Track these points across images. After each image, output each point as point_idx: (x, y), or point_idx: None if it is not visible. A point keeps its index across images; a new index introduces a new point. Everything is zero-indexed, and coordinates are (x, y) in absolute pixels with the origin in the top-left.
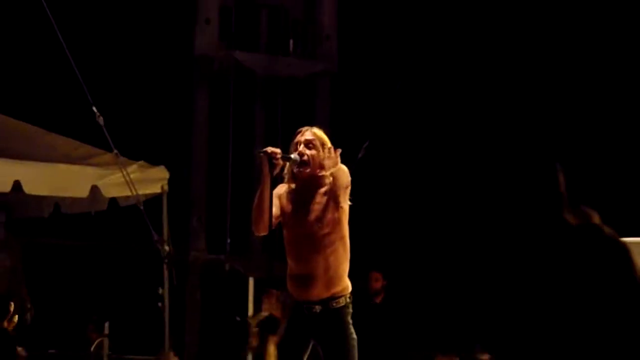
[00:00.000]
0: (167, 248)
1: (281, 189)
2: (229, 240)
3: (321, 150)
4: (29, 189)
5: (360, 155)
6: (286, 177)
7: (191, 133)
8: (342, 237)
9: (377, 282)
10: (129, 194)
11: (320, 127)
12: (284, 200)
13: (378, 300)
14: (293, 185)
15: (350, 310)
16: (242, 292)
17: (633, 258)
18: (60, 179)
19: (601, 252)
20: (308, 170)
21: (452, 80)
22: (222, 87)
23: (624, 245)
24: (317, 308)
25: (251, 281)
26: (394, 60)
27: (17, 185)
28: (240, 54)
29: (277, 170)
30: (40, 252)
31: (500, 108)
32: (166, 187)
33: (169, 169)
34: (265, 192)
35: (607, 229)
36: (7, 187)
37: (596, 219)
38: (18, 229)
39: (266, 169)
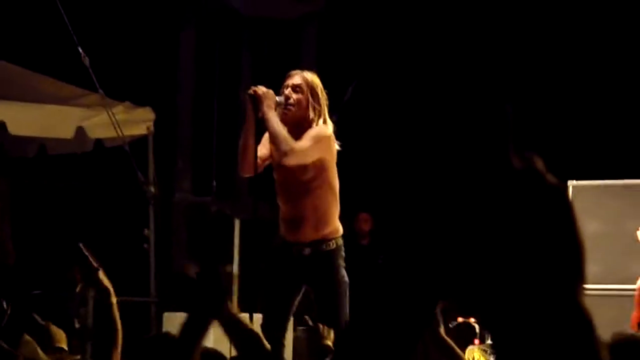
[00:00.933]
0: (152, 189)
1: None
2: (214, 182)
3: (309, 95)
4: (13, 129)
5: (346, 97)
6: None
7: (177, 74)
8: (329, 182)
9: (366, 224)
10: (115, 135)
11: (311, 70)
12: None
13: (365, 242)
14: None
15: (343, 253)
16: (228, 233)
17: (573, 208)
18: (45, 119)
19: (541, 199)
20: (292, 111)
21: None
22: (208, 28)
23: (565, 195)
24: (307, 250)
25: (237, 223)
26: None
27: (2, 125)
28: None
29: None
30: (26, 192)
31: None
32: (152, 129)
33: (154, 110)
34: (249, 132)
35: (549, 176)
36: None
37: (540, 164)
38: (3, 169)
39: (250, 110)
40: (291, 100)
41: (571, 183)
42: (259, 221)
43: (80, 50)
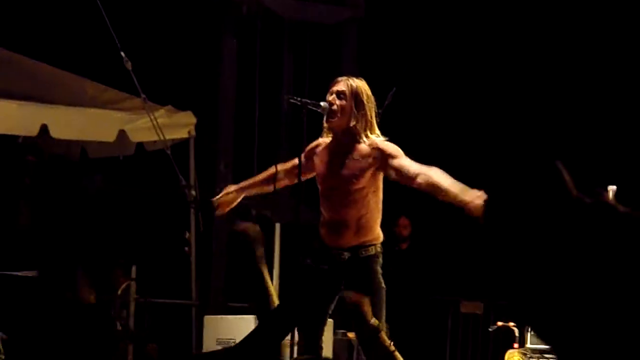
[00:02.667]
0: (193, 193)
1: (318, 143)
2: None
3: (352, 103)
4: (55, 132)
5: (387, 102)
6: (324, 129)
7: (218, 78)
8: (376, 190)
9: (405, 229)
10: (156, 138)
11: (354, 73)
12: (319, 156)
13: (404, 246)
14: (329, 138)
15: (381, 260)
16: (269, 237)
17: None
18: (87, 123)
19: (616, 229)
20: (335, 119)
21: (480, 25)
22: (249, 32)
23: (638, 221)
24: (346, 255)
25: (278, 226)
26: (422, 6)
27: (44, 129)
28: None
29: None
30: (67, 196)
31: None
32: (193, 132)
33: (196, 114)
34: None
35: (621, 206)
36: (34, 131)
37: (608, 197)
38: (45, 172)
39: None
40: (334, 107)
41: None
42: (300, 225)
43: (123, 55)
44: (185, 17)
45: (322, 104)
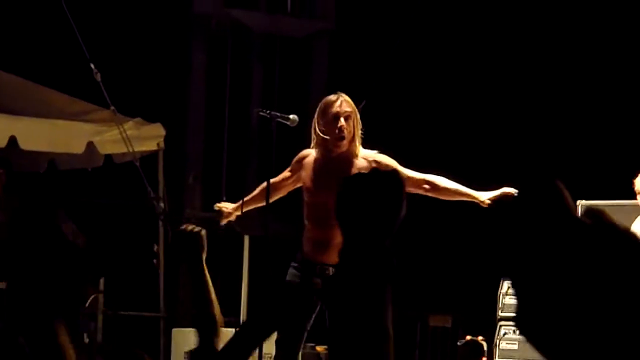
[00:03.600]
0: (162, 205)
1: (308, 157)
2: (224, 198)
3: (354, 122)
4: (24, 144)
5: None
6: (314, 142)
7: (188, 91)
8: None
9: None
10: (125, 150)
11: (321, 86)
12: (308, 169)
13: None
14: (319, 154)
15: None
16: (238, 250)
17: None
18: (56, 134)
19: (617, 249)
20: (345, 143)
21: (452, 36)
22: (219, 45)
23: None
24: (331, 270)
25: (246, 239)
26: (393, 19)
27: (12, 140)
28: (238, 12)
29: None
30: (35, 208)
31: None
32: (162, 145)
33: (165, 126)
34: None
35: (620, 225)
36: (2, 143)
37: (609, 218)
38: (14, 185)
39: None
40: (345, 133)
41: (580, 202)
42: (269, 238)
43: (92, 66)
44: (155, 29)
45: (290, 116)
